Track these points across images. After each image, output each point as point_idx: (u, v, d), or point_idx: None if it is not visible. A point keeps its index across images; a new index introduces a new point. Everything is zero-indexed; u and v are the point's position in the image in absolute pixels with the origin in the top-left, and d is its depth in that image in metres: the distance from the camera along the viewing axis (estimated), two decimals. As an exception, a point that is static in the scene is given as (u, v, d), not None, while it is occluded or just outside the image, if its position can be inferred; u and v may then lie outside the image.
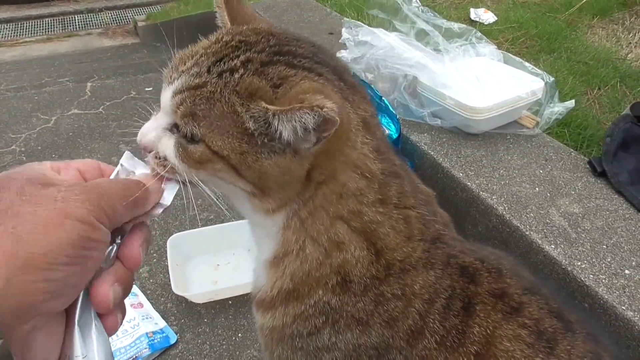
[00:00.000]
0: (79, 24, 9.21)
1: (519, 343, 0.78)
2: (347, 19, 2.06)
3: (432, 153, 1.82)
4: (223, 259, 1.91)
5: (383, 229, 0.79)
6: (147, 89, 3.34)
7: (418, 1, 2.14)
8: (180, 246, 1.85)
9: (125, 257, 0.62)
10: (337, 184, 0.76)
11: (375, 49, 1.90)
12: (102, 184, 0.58)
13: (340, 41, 2.15)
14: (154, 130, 0.74)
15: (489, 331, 0.79)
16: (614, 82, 2.66)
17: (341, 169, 0.76)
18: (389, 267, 0.79)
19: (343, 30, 2.06)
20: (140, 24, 8.42)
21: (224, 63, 0.72)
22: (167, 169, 0.72)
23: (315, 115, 0.64)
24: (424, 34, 2.04)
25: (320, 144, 0.70)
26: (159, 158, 0.73)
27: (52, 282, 0.50)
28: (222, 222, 1.99)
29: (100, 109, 3.05)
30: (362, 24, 2.00)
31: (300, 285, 0.81)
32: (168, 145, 0.73)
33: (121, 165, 0.75)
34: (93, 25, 9.21)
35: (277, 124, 0.68)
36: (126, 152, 0.75)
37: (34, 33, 8.78)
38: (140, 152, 0.75)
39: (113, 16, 9.46)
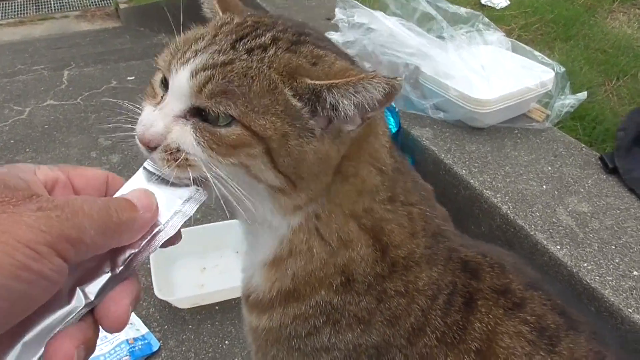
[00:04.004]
0: (54, 6, 9.26)
1: (520, 340, 0.85)
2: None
3: (434, 148, 1.89)
4: (210, 261, 1.97)
5: (390, 226, 0.86)
6: (129, 78, 3.41)
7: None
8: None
9: (108, 316, 0.53)
10: (358, 180, 0.82)
11: (373, 33, 1.95)
12: (75, 202, 0.49)
13: (332, 22, 2.21)
14: (162, 119, 0.72)
15: (490, 327, 0.86)
16: (635, 72, 2.71)
17: (364, 162, 0.82)
18: (394, 264, 0.86)
19: (336, 10, 2.11)
20: (122, 6, 8.47)
21: (249, 41, 0.75)
22: (178, 162, 0.69)
23: (388, 85, 0.69)
24: (427, 18, 2.10)
25: (362, 127, 0.75)
26: (169, 151, 0.70)
27: None
28: (210, 222, 2.05)
29: (78, 100, 3.12)
30: (359, 4, 2.05)
31: (302, 285, 0.86)
32: (184, 134, 0.71)
33: (144, 168, 0.69)
34: (70, 7, 9.26)
35: (334, 99, 0.71)
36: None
37: (5, 15, 8.82)
38: (141, 151, 0.72)
39: (93, -3, 9.50)
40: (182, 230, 0.62)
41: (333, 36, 2.20)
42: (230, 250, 1.96)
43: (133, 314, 1.78)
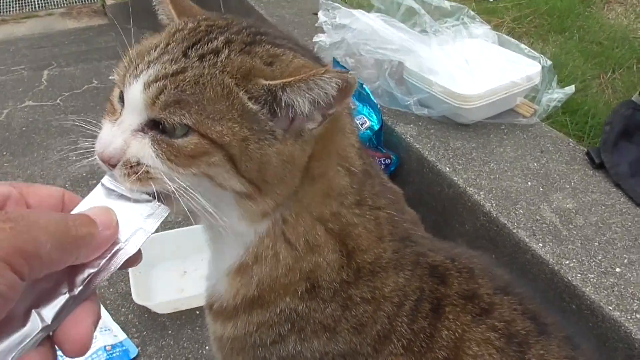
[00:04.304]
0: (38, 3, 9.26)
1: (487, 347, 0.86)
2: (324, 1, 2.15)
3: (418, 146, 1.92)
4: (191, 265, 1.99)
5: (357, 230, 0.88)
6: (110, 77, 3.40)
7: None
8: (144, 251, 1.93)
9: (68, 340, 0.52)
10: (326, 180, 0.84)
11: (356, 32, 1.99)
12: (31, 215, 0.49)
13: (316, 24, 2.25)
14: (120, 135, 0.73)
15: (457, 335, 0.87)
16: (630, 64, 2.74)
17: (332, 161, 0.84)
18: (359, 269, 0.87)
19: (320, 12, 2.15)
20: (109, 2, 8.48)
21: (201, 47, 0.76)
22: (139, 174, 0.70)
23: (340, 80, 0.71)
24: (412, 13, 2.13)
25: (324, 124, 0.77)
26: (129, 165, 0.71)
27: None
28: (190, 224, 2.07)
29: (58, 101, 3.15)
30: (340, 5, 2.09)
31: (267, 292, 0.88)
32: (143, 147, 0.72)
33: (102, 185, 0.70)
34: (55, 4, 9.27)
35: (288, 98, 0.73)
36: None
37: (-13, 14, 8.84)
38: (103, 168, 0.73)
39: (78, -7, 9.53)
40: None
41: (321, 37, 2.24)
42: (211, 253, 1.99)
43: (111, 319, 1.81)
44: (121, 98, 0.78)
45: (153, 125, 0.73)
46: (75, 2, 9.25)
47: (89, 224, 0.55)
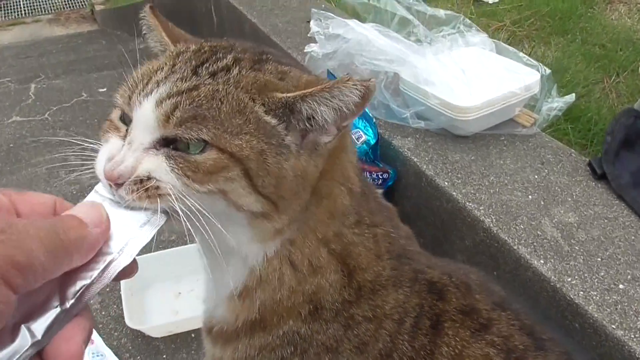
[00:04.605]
0: (25, 9, 9.33)
1: None
2: (316, 10, 2.18)
3: (416, 159, 1.94)
4: (185, 285, 2.01)
5: (357, 249, 0.92)
6: (100, 89, 3.47)
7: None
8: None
9: (59, 356, 0.51)
10: (331, 200, 0.88)
11: (349, 43, 2.02)
12: (20, 225, 0.48)
13: (308, 35, 2.27)
14: (132, 154, 0.73)
15: (457, 351, 0.91)
16: (635, 67, 2.77)
17: (336, 181, 0.88)
18: (360, 288, 0.91)
19: (312, 22, 2.18)
20: (98, 7, 8.56)
21: (210, 65, 0.80)
22: (148, 189, 0.70)
23: (363, 87, 0.75)
24: (406, 23, 2.16)
25: (337, 138, 0.81)
26: (139, 179, 0.71)
27: None
28: (184, 244, 2.09)
29: (46, 115, 3.18)
30: (333, 15, 2.12)
31: (269, 315, 0.91)
32: (156, 162, 0.73)
33: (95, 192, 0.70)
34: (42, 11, 9.33)
35: (309, 108, 0.77)
36: None
37: (-29, 22, 8.89)
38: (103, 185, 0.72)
39: (66, -2, 9.59)
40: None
41: (313, 48, 2.27)
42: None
43: (103, 344, 1.83)
44: (122, 119, 0.80)
45: (165, 144, 0.74)
46: (63, 7, 9.32)
47: (78, 226, 0.54)
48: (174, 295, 2.00)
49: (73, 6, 9.54)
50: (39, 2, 9.64)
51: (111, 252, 0.58)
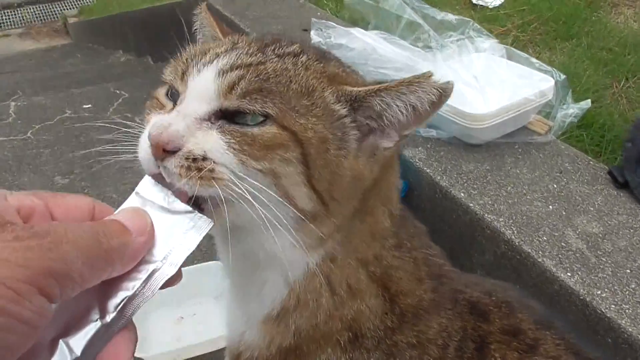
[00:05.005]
0: (-7, 24, 9.30)
1: None
2: (316, 20, 2.20)
3: (429, 170, 1.95)
4: (187, 309, 2.00)
5: (398, 273, 0.91)
6: (85, 105, 3.45)
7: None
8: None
9: None
10: (373, 220, 0.88)
11: (354, 52, 2.03)
12: (58, 229, 0.46)
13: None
14: (182, 120, 0.71)
15: None
16: (644, 71, 2.82)
17: (379, 201, 0.88)
18: (403, 314, 0.91)
19: (312, 32, 2.19)
20: (71, 20, 8.55)
21: (277, 49, 0.82)
22: (202, 172, 0.68)
23: (441, 87, 0.74)
24: (413, 28, 2.18)
25: (396, 147, 0.82)
26: (191, 158, 0.69)
27: None
28: (184, 265, 2.08)
29: (29, 134, 3.15)
30: (334, 24, 2.13)
31: (306, 342, 0.89)
32: (211, 138, 0.71)
33: (137, 194, 0.65)
34: (11, 24, 9.30)
35: (382, 103, 0.77)
36: (146, 176, 0.67)
37: None
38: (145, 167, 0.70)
39: (37, 12, 9.56)
40: None
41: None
42: (208, 296, 2.00)
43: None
44: (168, 96, 0.80)
45: (220, 116, 0.73)
46: (34, 20, 9.30)
47: (121, 233, 0.53)
48: (175, 321, 1.98)
49: (44, 19, 9.51)
50: (8, 15, 9.60)
51: (154, 260, 0.56)
